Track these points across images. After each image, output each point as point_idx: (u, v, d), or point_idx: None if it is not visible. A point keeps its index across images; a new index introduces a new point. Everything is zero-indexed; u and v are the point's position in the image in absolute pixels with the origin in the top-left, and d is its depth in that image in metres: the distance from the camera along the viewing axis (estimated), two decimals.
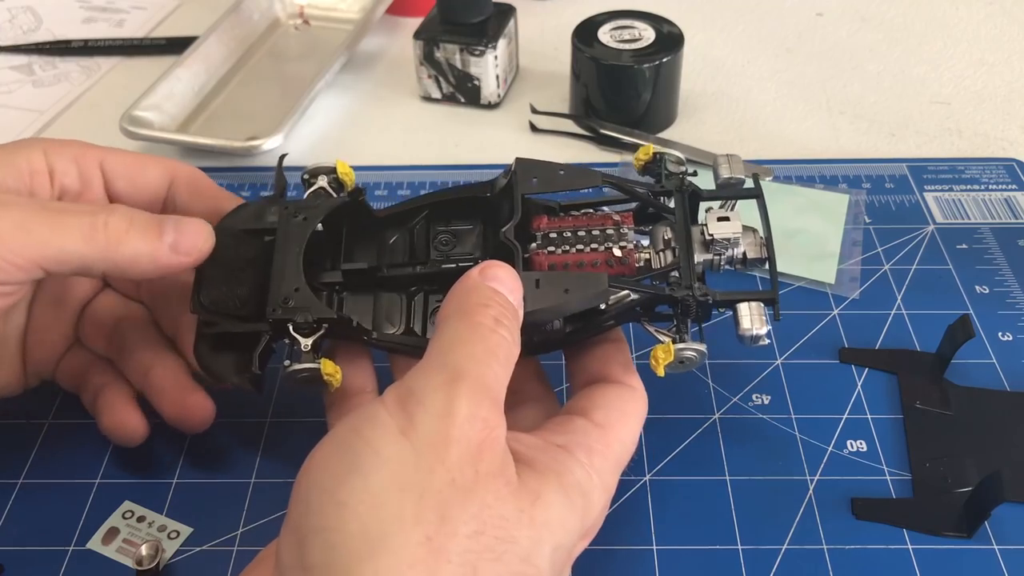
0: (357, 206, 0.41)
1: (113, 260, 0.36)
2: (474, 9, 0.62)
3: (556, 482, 0.31)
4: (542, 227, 0.39)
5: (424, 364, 0.30)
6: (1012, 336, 0.47)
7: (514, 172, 0.39)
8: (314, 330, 0.37)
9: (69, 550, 0.39)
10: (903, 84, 0.67)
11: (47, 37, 0.75)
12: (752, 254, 0.39)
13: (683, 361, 0.37)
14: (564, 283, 0.36)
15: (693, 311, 0.37)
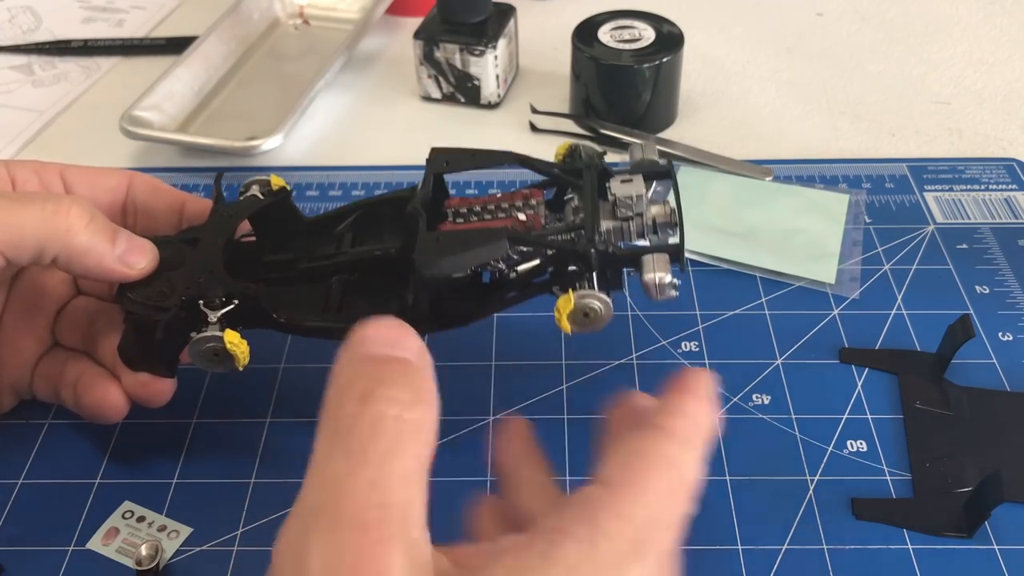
0: (285, 209, 0.43)
1: (69, 246, 0.37)
2: (474, 9, 0.62)
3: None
4: (453, 205, 0.40)
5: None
6: (1012, 336, 0.47)
7: (428, 159, 0.41)
8: (223, 305, 0.38)
9: (69, 550, 0.39)
10: (903, 84, 0.67)
11: (47, 37, 0.75)
12: (662, 219, 0.38)
13: (587, 313, 0.36)
14: (464, 238, 0.36)
15: (594, 263, 0.36)
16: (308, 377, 0.46)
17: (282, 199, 0.43)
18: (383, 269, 0.41)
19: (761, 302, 0.49)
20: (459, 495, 0.41)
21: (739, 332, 0.48)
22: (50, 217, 0.36)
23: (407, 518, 0.23)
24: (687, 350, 0.47)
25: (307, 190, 0.58)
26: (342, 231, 0.43)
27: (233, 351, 0.38)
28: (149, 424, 0.42)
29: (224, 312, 0.38)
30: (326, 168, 0.60)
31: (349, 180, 0.59)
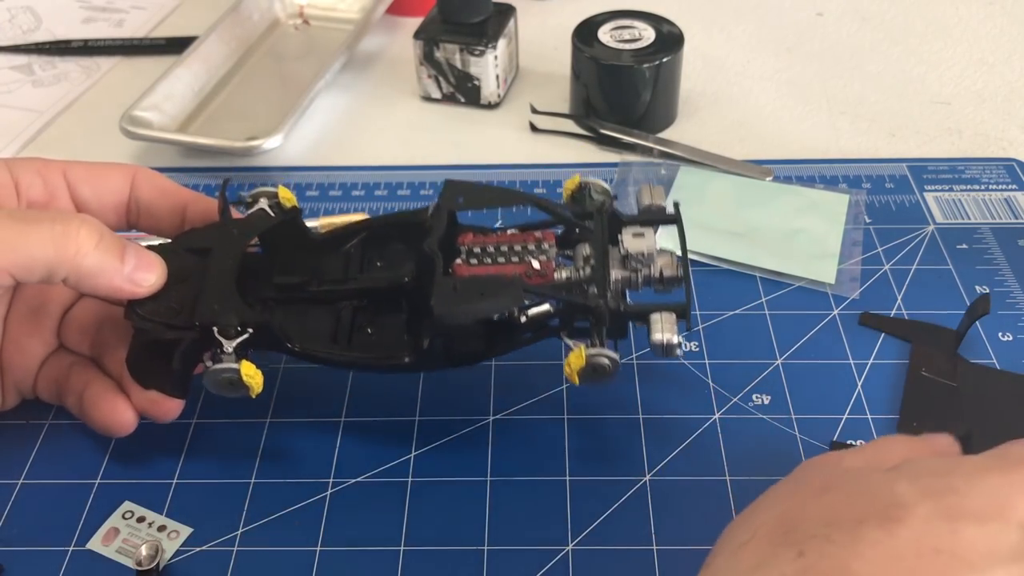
0: (294, 227, 0.43)
1: (78, 268, 0.37)
2: (474, 9, 0.62)
3: None
4: (467, 242, 0.41)
5: None
6: (1012, 336, 0.47)
7: (442, 192, 0.42)
8: (238, 334, 0.39)
9: (69, 550, 0.39)
10: (903, 84, 0.67)
11: (47, 37, 0.75)
12: (669, 273, 0.40)
13: (596, 368, 0.38)
14: (480, 288, 0.37)
15: (606, 320, 0.38)
16: (308, 377, 0.46)
17: (292, 218, 0.43)
18: (392, 297, 0.42)
19: (761, 302, 0.49)
20: (459, 495, 0.41)
21: (739, 332, 0.48)
22: (59, 239, 0.36)
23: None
24: (687, 350, 0.47)
25: (307, 190, 0.58)
26: (349, 250, 0.43)
27: (249, 383, 0.38)
28: (149, 424, 0.42)
29: (239, 341, 0.39)
30: (326, 168, 0.60)
31: (349, 180, 0.59)
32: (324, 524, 0.40)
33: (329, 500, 0.41)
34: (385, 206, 0.57)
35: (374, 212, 0.56)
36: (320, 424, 0.44)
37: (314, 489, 0.41)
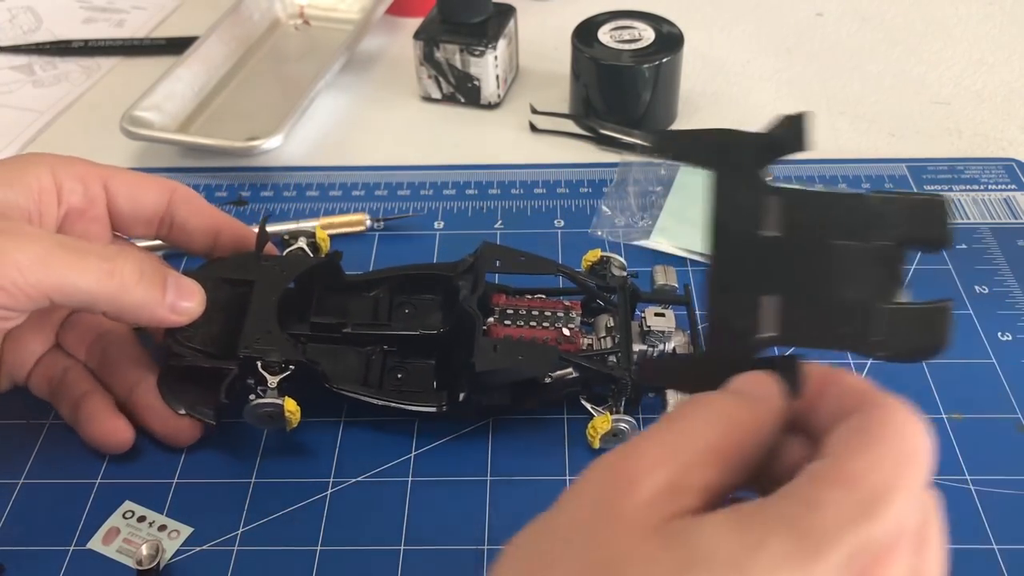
0: (331, 268, 0.45)
1: (119, 304, 0.38)
2: (474, 9, 0.62)
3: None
4: (500, 303, 0.44)
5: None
6: (1012, 336, 0.47)
7: (480, 253, 0.44)
8: (281, 370, 0.40)
9: (69, 550, 0.40)
10: (903, 84, 0.67)
11: (47, 37, 0.75)
12: (682, 350, 0.44)
13: (616, 433, 0.41)
14: (519, 351, 0.41)
15: (628, 390, 0.41)
16: None
17: (331, 261, 0.45)
18: (422, 345, 0.44)
19: None
20: (459, 495, 0.41)
21: None
22: (104, 277, 0.37)
23: (685, 469, 0.25)
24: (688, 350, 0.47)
25: (307, 190, 0.58)
26: (378, 294, 0.46)
27: (290, 418, 0.40)
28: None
29: (283, 377, 0.40)
30: (326, 168, 0.60)
31: (349, 180, 0.59)
32: (324, 524, 0.40)
33: (329, 500, 0.41)
34: (385, 206, 0.57)
35: (374, 212, 0.56)
36: (320, 424, 0.44)
37: (314, 489, 0.41)
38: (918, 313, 0.32)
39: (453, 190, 0.58)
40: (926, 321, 0.32)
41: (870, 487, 0.24)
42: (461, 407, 0.42)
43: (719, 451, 0.26)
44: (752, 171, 0.33)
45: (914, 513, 0.26)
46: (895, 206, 0.33)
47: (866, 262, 0.33)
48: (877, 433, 0.25)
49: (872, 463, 0.24)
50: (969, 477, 0.41)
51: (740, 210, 0.32)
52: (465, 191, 0.58)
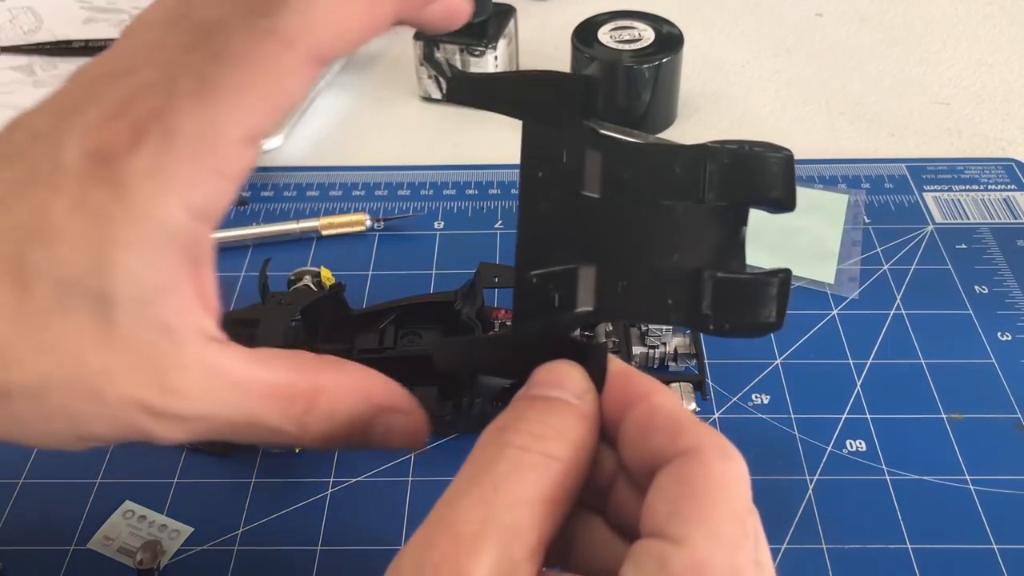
0: (336, 301, 0.45)
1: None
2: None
3: None
4: (500, 317, 0.44)
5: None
6: (1011, 336, 0.47)
7: (478, 273, 0.44)
8: None
9: (69, 550, 0.40)
10: (902, 84, 0.67)
11: (48, 38, 0.75)
12: (683, 351, 0.44)
13: None
14: None
15: None
16: None
17: (335, 293, 0.46)
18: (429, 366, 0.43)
19: None
20: None
21: None
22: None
23: (510, 539, 0.23)
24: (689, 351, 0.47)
25: (307, 190, 0.58)
26: (384, 327, 0.46)
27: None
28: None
29: None
30: (326, 168, 0.60)
31: (349, 180, 0.59)
32: (324, 524, 0.40)
33: (329, 500, 0.41)
34: (385, 206, 0.57)
35: (374, 212, 0.56)
36: None
37: (314, 489, 0.41)
38: (752, 284, 0.29)
39: (453, 190, 0.58)
40: (759, 294, 0.29)
41: (720, 568, 0.24)
42: (464, 415, 0.42)
43: (550, 500, 0.24)
44: (570, 120, 0.29)
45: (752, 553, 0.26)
46: (734, 161, 0.29)
47: (700, 225, 0.29)
48: (707, 496, 0.25)
49: (713, 542, 0.24)
50: (969, 477, 0.41)
51: (553, 166, 0.28)
52: (465, 191, 0.58)
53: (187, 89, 0.25)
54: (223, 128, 0.25)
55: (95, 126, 0.25)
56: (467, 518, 0.24)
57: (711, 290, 0.29)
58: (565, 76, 0.30)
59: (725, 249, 0.30)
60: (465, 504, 0.24)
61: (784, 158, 0.30)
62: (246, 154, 0.26)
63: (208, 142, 0.25)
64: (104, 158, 0.25)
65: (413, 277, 0.52)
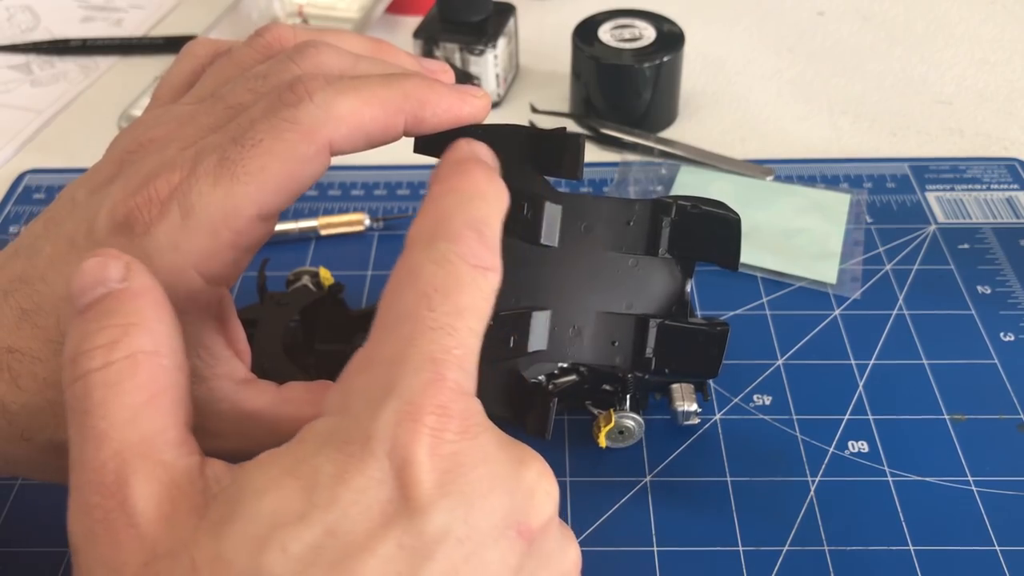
0: (334, 302, 0.45)
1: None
2: (474, 8, 0.62)
3: None
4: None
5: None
6: (1014, 336, 0.47)
7: None
8: None
9: (69, 551, 0.39)
10: (905, 83, 0.66)
11: (45, 36, 0.75)
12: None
13: (623, 431, 0.41)
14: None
15: (631, 387, 0.41)
16: None
17: (334, 293, 0.45)
18: None
19: (762, 302, 0.49)
20: None
21: (740, 332, 0.48)
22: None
23: (146, 452, 0.24)
24: None
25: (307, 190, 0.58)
26: None
27: None
28: None
29: None
30: None
31: (349, 180, 0.59)
32: None
33: None
34: (384, 206, 0.57)
35: (373, 212, 0.55)
36: None
37: None
38: (694, 334, 0.31)
39: None
40: (700, 342, 0.31)
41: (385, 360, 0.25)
42: None
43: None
44: (530, 175, 0.30)
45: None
46: (683, 219, 0.32)
47: (649, 276, 0.31)
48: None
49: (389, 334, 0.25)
50: (971, 478, 0.41)
51: (514, 217, 0.29)
52: None
53: (207, 169, 0.28)
54: (238, 206, 0.28)
55: (121, 200, 0.28)
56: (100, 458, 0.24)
57: (655, 336, 0.31)
58: (528, 132, 0.31)
59: (671, 299, 0.32)
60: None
61: (734, 221, 0.32)
62: (260, 228, 0.29)
63: (223, 220, 0.28)
64: (128, 231, 0.28)
65: None
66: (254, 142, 0.28)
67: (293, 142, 0.28)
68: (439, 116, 0.31)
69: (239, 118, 0.29)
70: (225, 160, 0.28)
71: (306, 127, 0.28)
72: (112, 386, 0.24)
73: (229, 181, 0.28)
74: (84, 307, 0.25)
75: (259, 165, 0.28)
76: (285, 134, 0.28)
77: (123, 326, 0.24)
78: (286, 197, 0.29)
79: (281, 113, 0.28)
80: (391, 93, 0.30)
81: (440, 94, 0.31)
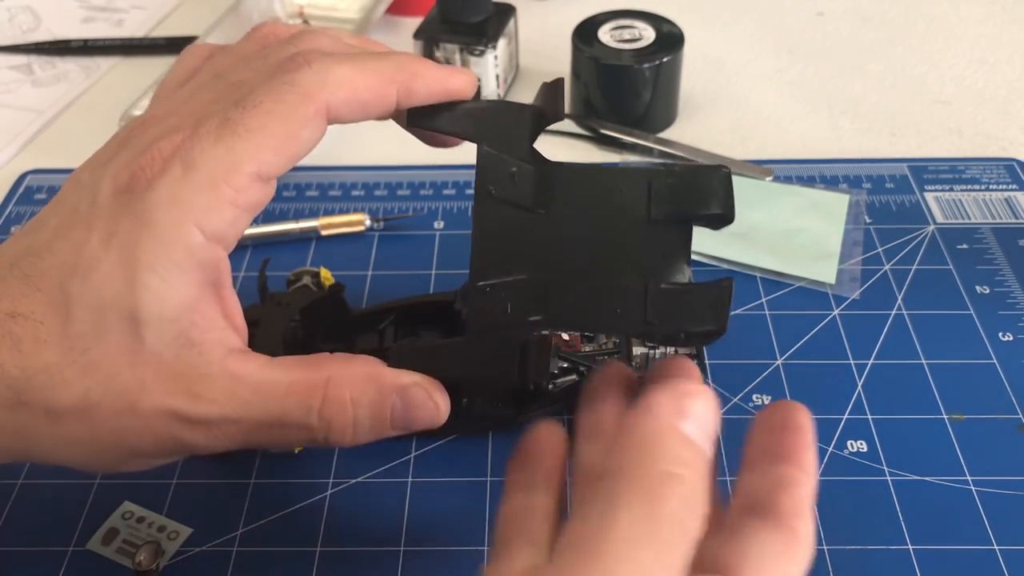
0: (336, 301, 0.45)
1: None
2: (474, 9, 0.62)
3: None
4: None
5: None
6: (1012, 336, 0.47)
7: None
8: None
9: (69, 550, 0.39)
10: (904, 84, 0.67)
11: (46, 37, 0.75)
12: (683, 351, 0.44)
13: None
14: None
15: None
16: None
17: (335, 293, 0.45)
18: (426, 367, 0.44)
19: (761, 302, 0.49)
20: (459, 495, 0.41)
21: (739, 332, 0.48)
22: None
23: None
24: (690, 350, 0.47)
25: (307, 190, 0.58)
26: (384, 328, 0.46)
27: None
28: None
29: None
30: (326, 168, 0.60)
31: (349, 180, 0.59)
32: (324, 524, 0.40)
33: (329, 500, 0.41)
34: (385, 206, 0.57)
35: (374, 212, 0.56)
36: None
37: (314, 489, 0.41)
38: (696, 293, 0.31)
39: (453, 190, 0.58)
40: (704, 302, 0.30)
41: None
42: (465, 417, 0.42)
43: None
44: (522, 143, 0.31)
45: None
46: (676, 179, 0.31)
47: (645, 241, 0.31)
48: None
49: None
50: (970, 478, 0.41)
51: (503, 185, 0.30)
52: (465, 191, 0.58)
53: (208, 128, 0.29)
54: (238, 162, 0.29)
55: (123, 166, 0.30)
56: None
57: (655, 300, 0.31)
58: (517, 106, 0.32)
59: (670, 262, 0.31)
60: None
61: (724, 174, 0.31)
62: (260, 189, 0.30)
63: (224, 174, 0.29)
64: (130, 190, 0.29)
65: (413, 277, 0.52)
66: (255, 104, 0.30)
67: (292, 103, 0.30)
68: (430, 87, 0.33)
69: (241, 88, 0.31)
70: (227, 121, 0.29)
71: (304, 89, 0.30)
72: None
73: (231, 138, 0.29)
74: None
75: (259, 123, 0.29)
76: (285, 96, 0.30)
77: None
78: (285, 159, 0.30)
79: (282, 78, 0.30)
80: (384, 64, 0.32)
81: (429, 67, 0.33)
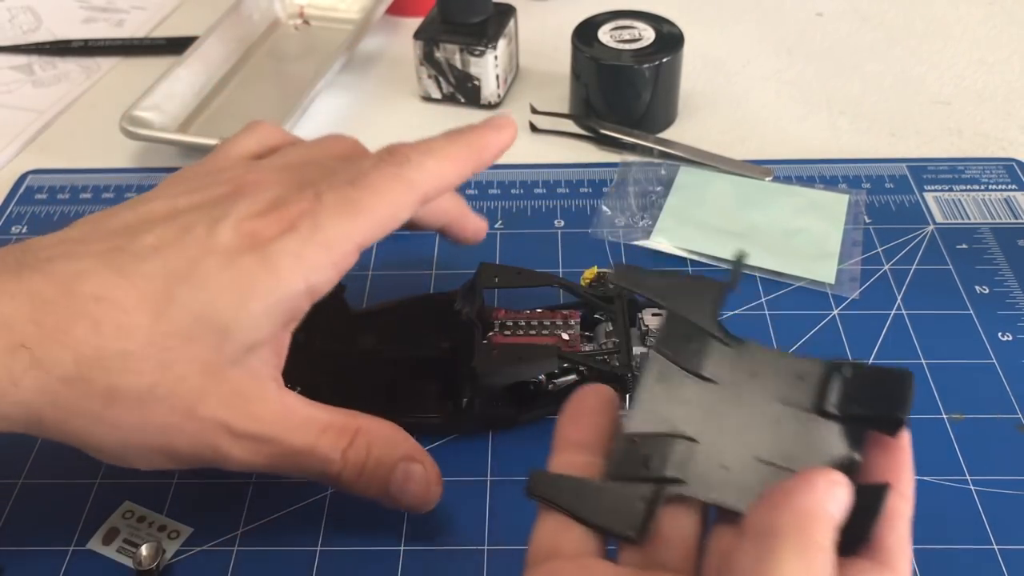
0: (337, 301, 0.45)
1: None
2: (474, 9, 0.62)
3: None
4: (500, 317, 0.45)
5: None
6: (1012, 336, 0.47)
7: (478, 273, 0.45)
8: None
9: (69, 550, 0.39)
10: (903, 84, 0.67)
11: (47, 37, 0.75)
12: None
13: None
14: (519, 353, 0.41)
15: (629, 386, 0.41)
16: None
17: (336, 293, 0.45)
18: (428, 366, 0.45)
19: (761, 302, 0.49)
20: (459, 495, 0.41)
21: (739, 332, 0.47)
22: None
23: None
24: None
25: None
26: (383, 327, 0.46)
27: None
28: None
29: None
30: None
31: None
32: (324, 524, 0.40)
33: (329, 500, 0.41)
34: None
35: None
36: None
37: (314, 489, 0.41)
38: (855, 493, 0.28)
39: None
40: (857, 505, 0.27)
41: None
42: (465, 417, 0.42)
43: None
44: (706, 317, 0.33)
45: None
46: (857, 376, 0.31)
47: (809, 432, 0.30)
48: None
49: None
50: (970, 477, 0.41)
51: (680, 352, 0.32)
52: (465, 191, 0.58)
53: (331, 200, 0.35)
54: (352, 234, 0.35)
55: (247, 218, 0.34)
56: None
57: None
58: (714, 283, 0.34)
59: (835, 462, 0.30)
60: None
61: (907, 376, 0.30)
62: (354, 257, 0.35)
63: (338, 242, 0.34)
64: (256, 237, 0.33)
65: (413, 277, 0.52)
66: (370, 187, 0.35)
67: (400, 191, 0.36)
68: (491, 152, 0.41)
69: (350, 168, 0.36)
70: (348, 198, 0.35)
71: (408, 180, 0.36)
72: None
73: (351, 213, 0.34)
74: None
75: (372, 205, 0.35)
76: (394, 184, 0.36)
77: None
78: (382, 235, 0.36)
79: (389, 169, 0.36)
80: (457, 147, 0.39)
81: (482, 134, 0.41)
